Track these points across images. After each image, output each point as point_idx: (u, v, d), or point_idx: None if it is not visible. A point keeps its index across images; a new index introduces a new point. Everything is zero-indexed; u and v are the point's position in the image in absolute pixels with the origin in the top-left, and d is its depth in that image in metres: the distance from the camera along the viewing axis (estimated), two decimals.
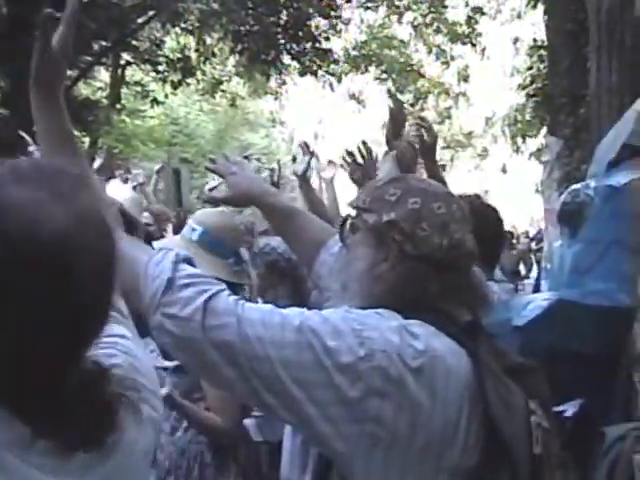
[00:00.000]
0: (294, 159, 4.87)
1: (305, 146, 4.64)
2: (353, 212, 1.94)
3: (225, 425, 3.44)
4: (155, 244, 3.06)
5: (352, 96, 22.80)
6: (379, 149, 3.85)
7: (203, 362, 1.69)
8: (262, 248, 4.06)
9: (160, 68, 17.84)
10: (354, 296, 1.83)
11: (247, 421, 3.98)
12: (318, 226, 2.61)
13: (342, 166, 4.17)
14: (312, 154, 4.59)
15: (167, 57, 18.02)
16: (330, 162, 5.38)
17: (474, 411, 1.68)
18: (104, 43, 16.07)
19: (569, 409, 4.22)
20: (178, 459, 3.46)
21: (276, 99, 23.12)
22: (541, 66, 14.30)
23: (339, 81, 20.21)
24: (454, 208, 1.85)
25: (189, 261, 1.80)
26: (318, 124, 32.13)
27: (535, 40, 15.94)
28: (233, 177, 2.64)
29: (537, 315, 4.21)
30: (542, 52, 14.11)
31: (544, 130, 13.83)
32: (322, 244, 2.47)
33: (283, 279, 3.95)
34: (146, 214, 6.97)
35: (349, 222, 1.94)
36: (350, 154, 4.05)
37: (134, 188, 7.79)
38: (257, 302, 3.53)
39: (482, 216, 3.21)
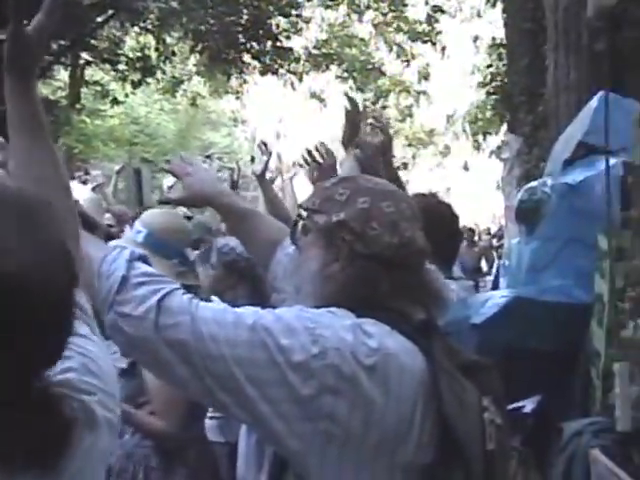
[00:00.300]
0: (252, 159, 4.88)
1: (263, 146, 4.65)
2: (304, 213, 1.95)
3: (169, 429, 3.41)
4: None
5: (313, 95, 22.82)
6: (341, 147, 3.85)
7: (157, 361, 1.69)
8: (220, 248, 4.05)
9: (120, 67, 17.75)
10: (307, 297, 1.84)
11: (208, 422, 3.98)
12: (274, 226, 2.62)
13: (301, 165, 4.17)
14: (270, 154, 4.60)
15: (127, 56, 17.93)
16: (294, 164, 5.42)
17: (428, 408, 1.68)
18: (63, 42, 15.93)
19: (528, 405, 4.26)
20: (125, 463, 3.43)
21: (237, 98, 23.08)
22: (500, 64, 14.40)
23: (300, 80, 20.23)
24: (403, 206, 1.86)
25: (144, 259, 1.80)
26: (279, 123, 32.15)
27: (494, 39, 16.04)
28: (189, 178, 2.64)
29: (495, 313, 4.25)
30: (501, 50, 14.21)
31: (504, 128, 13.92)
32: (278, 244, 2.48)
33: (242, 279, 3.94)
34: (108, 215, 6.95)
35: (300, 224, 1.95)
36: (309, 153, 4.05)
37: (93, 189, 7.75)
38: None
39: (437, 214, 3.22)
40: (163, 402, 3.34)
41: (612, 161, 4.19)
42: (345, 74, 20.82)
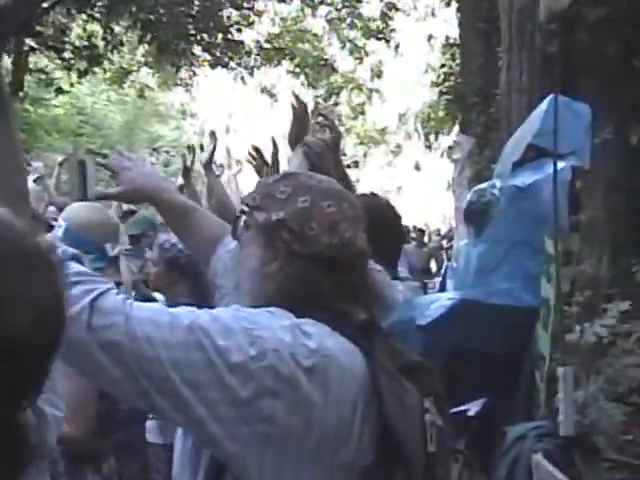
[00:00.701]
0: (202, 147, 4.87)
1: (212, 135, 4.66)
2: (246, 209, 1.94)
3: (75, 433, 3.36)
4: None
5: (264, 90, 22.77)
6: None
7: (91, 362, 1.66)
8: (162, 244, 4.03)
9: (65, 55, 17.50)
10: (246, 295, 1.83)
11: (148, 423, 3.95)
12: (215, 222, 2.61)
13: (249, 161, 4.16)
14: (216, 141, 4.60)
15: (73, 44, 17.69)
16: (238, 162, 5.42)
17: (369, 410, 1.69)
18: None
19: (473, 408, 4.30)
20: None
21: (187, 91, 22.96)
22: (454, 64, 14.47)
23: (251, 74, 20.17)
24: (345, 206, 1.86)
25: (77, 258, 1.79)
26: (229, 117, 32.04)
27: (448, 38, 16.12)
28: (127, 173, 2.62)
29: (441, 315, 4.29)
30: (455, 50, 14.29)
31: (457, 128, 14.00)
32: (219, 240, 2.48)
33: (183, 276, 3.92)
34: (52, 208, 6.88)
35: (242, 219, 1.94)
36: (257, 150, 4.05)
37: (35, 181, 7.68)
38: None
39: (379, 214, 3.23)
40: (69, 406, 3.29)
41: (561, 164, 4.24)
42: (297, 69, 20.79)
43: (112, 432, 3.53)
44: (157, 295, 4.52)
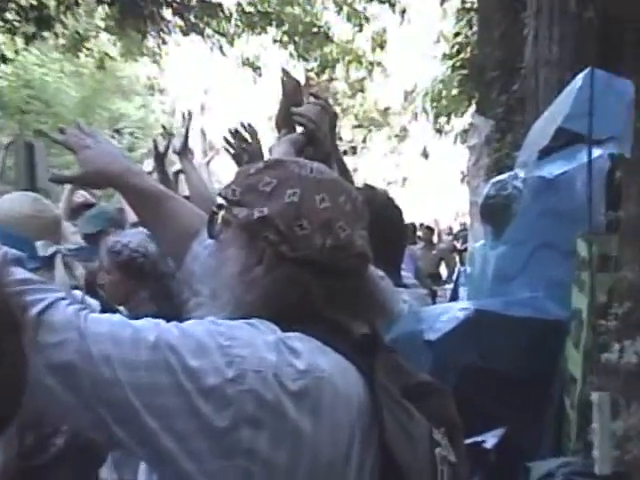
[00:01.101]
0: (169, 132, 4.85)
1: (186, 115, 4.65)
2: (224, 203, 1.92)
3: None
4: None
5: (246, 62, 22.74)
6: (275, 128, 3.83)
7: (37, 388, 1.61)
8: (111, 248, 3.99)
9: (9, 17, 17.44)
10: (226, 305, 1.81)
11: None
12: (193, 213, 2.58)
13: (225, 148, 4.15)
14: (190, 120, 4.59)
15: (18, 3, 17.62)
16: (212, 148, 5.43)
17: (368, 440, 1.68)
18: None
19: (489, 439, 4.29)
20: None
21: (155, 62, 22.95)
22: (470, 32, 14.47)
23: (231, 43, 20.15)
24: (341, 200, 1.85)
25: (20, 262, 1.76)
26: (205, 94, 32.08)
27: (464, 1, 16.11)
28: (87, 151, 2.59)
29: (452, 328, 4.27)
30: (472, 16, 14.29)
31: (472, 108, 14.01)
32: (195, 233, 2.45)
33: (143, 280, 3.87)
34: None
35: (220, 215, 1.92)
36: (234, 134, 4.03)
37: None
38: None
39: (378, 210, 3.22)
40: None
41: (597, 152, 4.22)
42: (285, 38, 20.77)
43: (42, 469, 3.52)
44: None
